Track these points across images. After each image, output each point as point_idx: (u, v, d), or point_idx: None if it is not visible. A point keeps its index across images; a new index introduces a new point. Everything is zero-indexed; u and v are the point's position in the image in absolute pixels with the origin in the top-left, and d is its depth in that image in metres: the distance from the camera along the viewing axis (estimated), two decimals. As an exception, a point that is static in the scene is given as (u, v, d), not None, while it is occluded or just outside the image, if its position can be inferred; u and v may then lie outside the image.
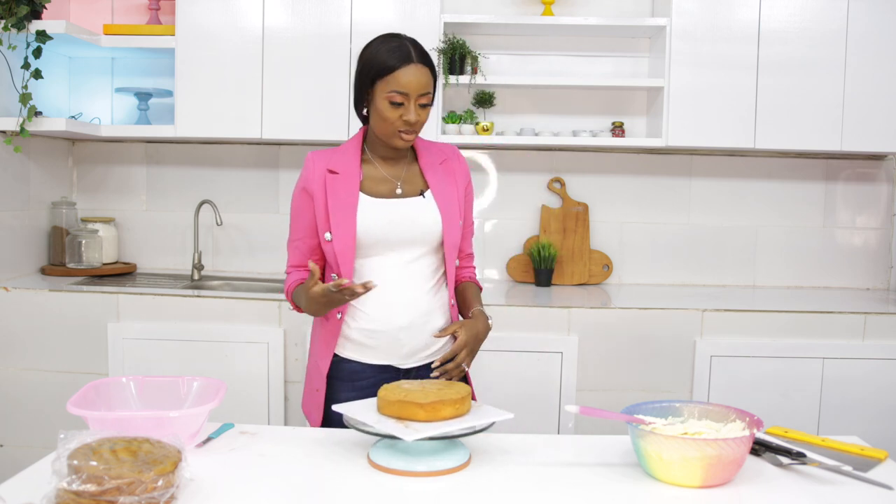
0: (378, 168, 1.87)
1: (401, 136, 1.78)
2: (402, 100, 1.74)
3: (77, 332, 2.86)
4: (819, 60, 3.06)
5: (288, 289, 1.89)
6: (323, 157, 1.86)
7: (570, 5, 3.35)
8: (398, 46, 1.76)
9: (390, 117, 1.76)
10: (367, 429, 1.42)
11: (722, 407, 1.51)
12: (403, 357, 1.84)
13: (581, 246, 3.41)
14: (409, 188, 1.87)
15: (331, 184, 1.82)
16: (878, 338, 2.85)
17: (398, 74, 1.73)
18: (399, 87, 1.74)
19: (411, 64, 1.74)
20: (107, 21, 3.37)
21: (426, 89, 1.76)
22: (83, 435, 1.24)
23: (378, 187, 1.85)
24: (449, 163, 1.92)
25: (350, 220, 1.79)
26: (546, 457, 1.50)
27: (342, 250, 1.79)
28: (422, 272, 1.84)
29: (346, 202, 1.80)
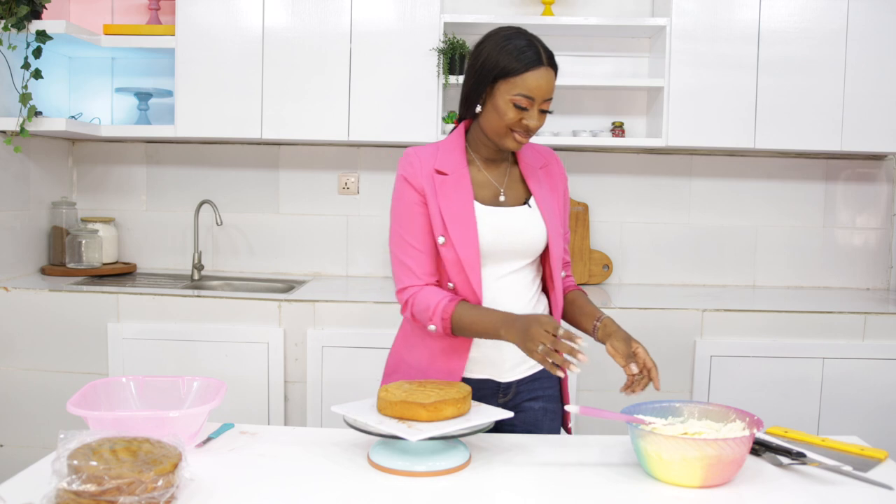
0: (481, 171, 1.75)
1: (515, 137, 1.67)
2: (526, 104, 1.64)
3: (77, 332, 2.86)
4: (819, 60, 3.06)
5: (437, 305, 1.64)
6: (427, 154, 1.73)
7: (570, 5, 3.35)
8: (527, 46, 1.65)
9: (511, 120, 1.65)
10: (369, 429, 1.42)
11: (722, 407, 1.51)
12: (504, 371, 1.75)
13: (581, 246, 3.41)
14: (512, 195, 1.76)
15: (440, 185, 1.69)
16: (878, 338, 2.85)
17: (527, 77, 1.63)
18: (526, 91, 1.63)
19: (541, 67, 1.64)
20: (107, 21, 3.37)
21: (551, 94, 1.66)
22: (83, 435, 1.24)
23: (481, 192, 1.73)
24: (549, 168, 1.82)
25: (470, 226, 1.67)
26: (546, 457, 1.50)
27: (467, 259, 1.66)
28: (523, 283, 1.75)
29: (462, 207, 1.68)
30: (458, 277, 1.68)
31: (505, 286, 1.72)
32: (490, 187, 1.75)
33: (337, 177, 3.47)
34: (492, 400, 1.76)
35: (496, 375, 1.76)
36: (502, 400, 1.77)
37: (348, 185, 3.46)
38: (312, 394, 2.83)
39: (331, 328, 2.83)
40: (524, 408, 1.79)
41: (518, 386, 1.78)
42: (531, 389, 1.80)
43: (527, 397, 1.80)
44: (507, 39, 1.66)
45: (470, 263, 1.66)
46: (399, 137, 3.13)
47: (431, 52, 3.07)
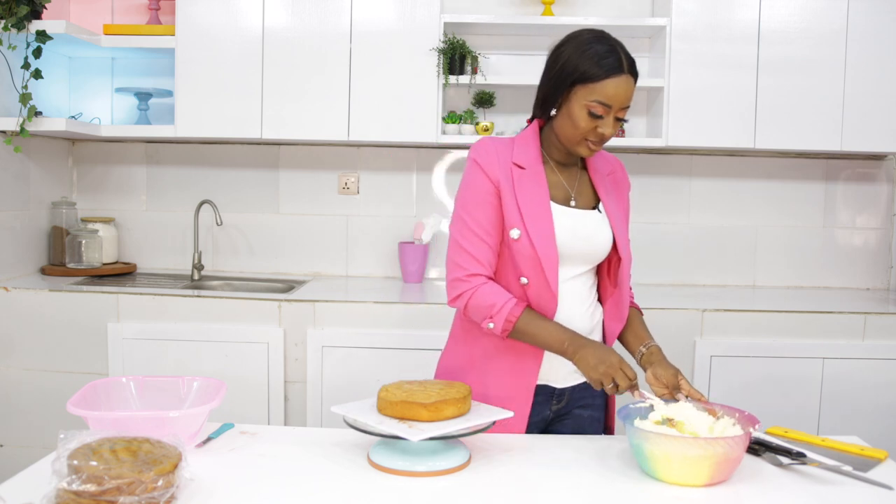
0: (555, 172, 1.73)
1: (588, 145, 1.65)
2: (602, 112, 1.60)
3: (77, 332, 2.86)
4: (819, 60, 3.06)
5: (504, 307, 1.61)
6: (504, 146, 1.70)
7: (570, 5, 3.35)
8: (609, 52, 1.60)
9: (585, 126, 1.62)
10: (369, 429, 1.42)
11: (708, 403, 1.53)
12: (560, 378, 1.74)
13: (581, 246, 3.40)
14: (582, 199, 1.74)
15: (518, 178, 1.65)
16: (878, 338, 2.85)
17: (606, 84, 1.59)
18: (604, 99, 1.59)
19: (622, 75, 1.59)
20: (107, 21, 3.37)
21: (629, 103, 1.62)
22: (83, 435, 1.24)
23: (554, 193, 1.70)
24: (615, 175, 1.81)
25: (548, 222, 1.63)
26: (546, 457, 1.50)
27: (546, 255, 1.62)
28: (585, 288, 1.73)
29: (540, 203, 1.65)
30: (532, 272, 1.64)
31: (569, 289, 1.70)
32: (562, 189, 1.73)
33: (337, 177, 3.47)
34: (545, 406, 1.76)
35: (552, 381, 1.75)
36: (556, 407, 1.77)
37: (348, 185, 3.45)
38: (312, 394, 2.83)
39: (331, 328, 2.83)
40: (574, 415, 1.79)
41: (571, 393, 1.77)
42: (582, 397, 1.80)
43: (577, 405, 1.80)
44: (588, 44, 1.62)
45: (548, 260, 1.63)
46: (399, 137, 3.13)
47: (431, 52, 3.06)
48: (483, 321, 1.64)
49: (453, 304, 1.69)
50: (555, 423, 1.80)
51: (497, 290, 1.64)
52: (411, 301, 2.88)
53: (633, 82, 1.62)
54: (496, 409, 1.53)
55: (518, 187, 1.65)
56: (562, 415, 1.79)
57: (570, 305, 1.70)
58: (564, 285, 1.69)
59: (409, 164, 3.46)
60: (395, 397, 1.45)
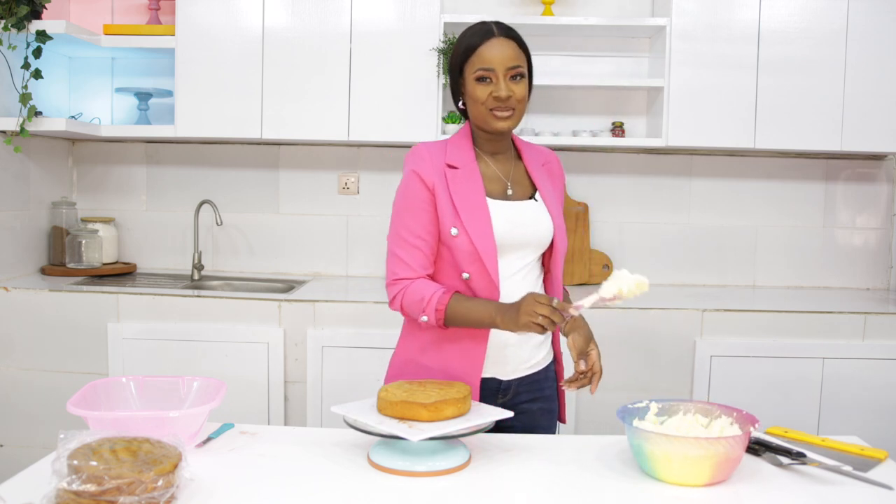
0: (489, 166, 1.77)
1: (494, 114, 1.68)
2: (488, 75, 1.67)
3: (77, 332, 2.86)
4: (819, 60, 3.06)
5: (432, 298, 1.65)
6: (437, 149, 1.75)
7: (570, 5, 3.35)
8: (480, 25, 1.71)
9: (480, 96, 1.67)
10: (369, 429, 1.42)
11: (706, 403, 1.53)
12: (508, 371, 1.76)
13: (581, 246, 3.41)
14: (519, 189, 1.78)
15: (452, 179, 1.70)
16: (878, 338, 2.85)
17: (481, 50, 1.67)
18: (483, 63, 1.66)
19: (492, 38, 1.68)
20: (107, 21, 3.37)
21: (513, 62, 1.67)
22: (83, 435, 1.24)
23: (490, 186, 1.74)
24: (550, 166, 1.85)
25: (484, 217, 1.68)
26: (546, 457, 1.50)
27: (485, 249, 1.66)
28: (533, 277, 1.76)
29: (474, 199, 1.69)
30: (473, 267, 1.68)
31: (518, 279, 1.73)
32: (498, 181, 1.76)
33: (337, 177, 3.47)
34: (491, 400, 1.75)
35: (500, 374, 1.75)
36: (501, 400, 1.77)
37: (348, 185, 3.46)
38: (312, 394, 2.83)
39: (331, 328, 2.83)
40: (523, 409, 1.79)
41: (517, 386, 1.78)
42: (530, 391, 1.80)
43: (526, 398, 1.80)
44: (465, 31, 1.74)
45: (487, 253, 1.67)
46: (399, 137, 3.13)
47: (431, 52, 3.07)
48: (418, 316, 1.67)
49: (392, 308, 1.73)
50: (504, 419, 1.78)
51: (425, 285, 1.67)
52: (411, 301, 2.88)
53: (511, 43, 1.70)
54: (496, 409, 1.53)
55: (453, 187, 1.70)
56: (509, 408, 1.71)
57: (521, 294, 1.69)
58: (510, 276, 1.72)
59: (409, 164, 3.45)
60: (395, 397, 1.45)
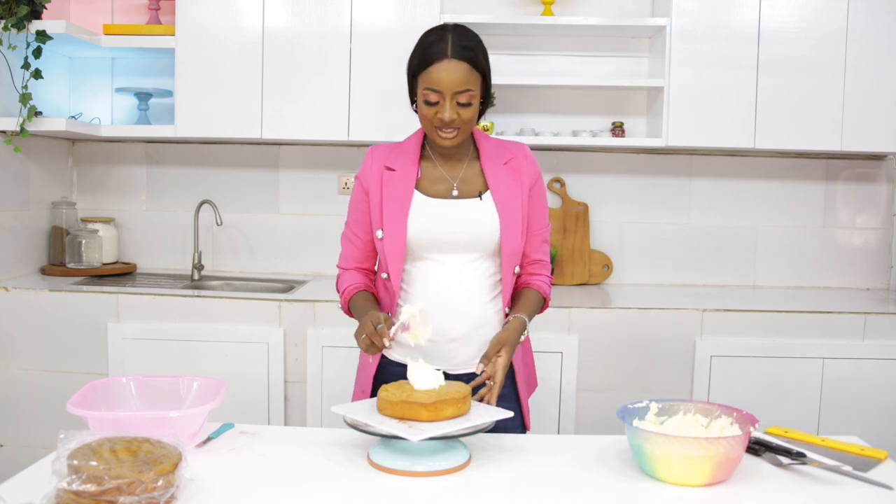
0: (437, 167, 1.78)
1: (439, 133, 1.69)
2: (436, 98, 1.65)
3: (77, 332, 2.86)
4: (819, 60, 3.06)
5: (345, 290, 1.81)
6: (383, 152, 1.79)
7: (570, 5, 3.35)
8: (437, 39, 1.66)
9: (427, 114, 1.69)
10: (369, 429, 1.42)
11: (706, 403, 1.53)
12: (454, 365, 1.76)
13: (581, 246, 3.41)
14: (467, 189, 1.76)
15: (387, 181, 1.74)
16: (878, 338, 2.85)
17: (431, 71, 1.65)
18: (432, 85, 1.65)
19: (444, 60, 1.63)
20: (107, 21, 3.37)
21: (461, 86, 1.64)
22: (83, 435, 1.24)
23: (435, 187, 1.76)
24: (515, 162, 1.79)
25: (401, 219, 1.71)
26: (546, 457, 1.50)
27: (392, 251, 1.71)
28: (476, 279, 1.74)
29: (399, 201, 1.72)
30: (391, 269, 1.75)
31: (460, 282, 1.73)
32: (444, 182, 1.77)
33: (337, 177, 3.47)
34: None
35: (447, 368, 1.74)
36: None
37: (348, 185, 3.45)
38: (312, 394, 2.83)
39: (331, 328, 2.83)
40: None
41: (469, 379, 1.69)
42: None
43: None
44: (424, 37, 1.71)
45: (395, 255, 1.72)
46: (399, 137, 3.10)
47: (431, 52, 3.06)
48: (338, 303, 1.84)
49: None
50: None
51: (349, 277, 1.82)
52: (411, 301, 2.88)
53: (463, 66, 1.65)
54: (496, 409, 1.53)
55: (386, 189, 1.75)
56: None
57: (459, 297, 1.72)
58: (456, 274, 1.73)
59: (409, 164, 3.45)
60: (395, 397, 1.45)
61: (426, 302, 1.64)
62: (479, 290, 1.75)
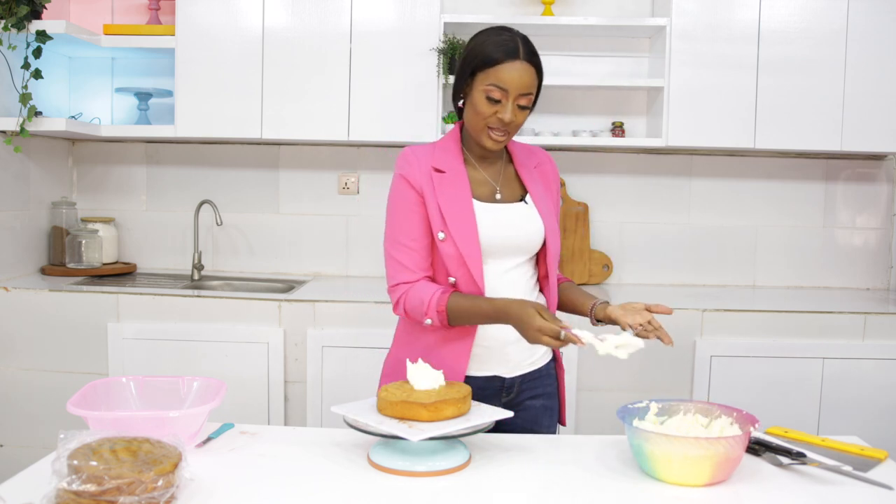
0: (477, 169, 1.76)
1: (490, 134, 1.68)
2: (500, 96, 1.63)
3: (77, 332, 2.86)
4: (819, 60, 3.06)
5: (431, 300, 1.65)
6: (424, 153, 1.74)
7: (570, 5, 3.35)
8: (507, 40, 1.65)
9: (484, 112, 1.65)
10: (369, 429, 1.42)
11: (706, 403, 1.53)
12: (510, 369, 1.76)
13: (581, 246, 3.41)
14: (508, 192, 1.77)
15: (438, 183, 1.70)
16: (878, 338, 2.85)
17: (500, 69, 1.63)
18: (499, 82, 1.63)
19: (517, 60, 1.63)
20: (107, 21, 3.37)
21: (528, 89, 1.64)
22: (83, 435, 1.24)
23: (478, 190, 1.74)
24: (542, 167, 1.83)
25: (470, 221, 1.68)
26: (546, 457, 1.50)
27: (469, 253, 1.66)
28: (524, 280, 1.76)
29: (461, 204, 1.69)
30: (459, 272, 1.69)
31: (507, 282, 1.73)
32: (486, 185, 1.76)
33: (337, 177, 3.47)
34: (495, 399, 1.75)
35: (503, 372, 1.76)
36: (505, 399, 1.77)
37: (348, 185, 3.46)
38: (312, 394, 2.83)
39: (331, 328, 2.83)
40: (525, 406, 1.80)
41: (521, 384, 1.78)
42: (533, 387, 1.80)
43: (528, 395, 1.80)
44: (491, 34, 1.69)
45: (472, 258, 1.67)
46: (399, 137, 3.13)
47: (431, 52, 3.07)
48: (423, 320, 1.68)
49: (396, 313, 1.74)
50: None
51: (424, 287, 1.68)
52: (411, 301, 2.88)
53: (532, 70, 1.65)
54: (496, 409, 1.53)
55: (439, 191, 1.69)
56: (513, 406, 1.76)
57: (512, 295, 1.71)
58: (504, 277, 1.72)
59: (409, 164, 3.45)
60: (395, 397, 1.45)
61: None
62: (526, 293, 1.76)
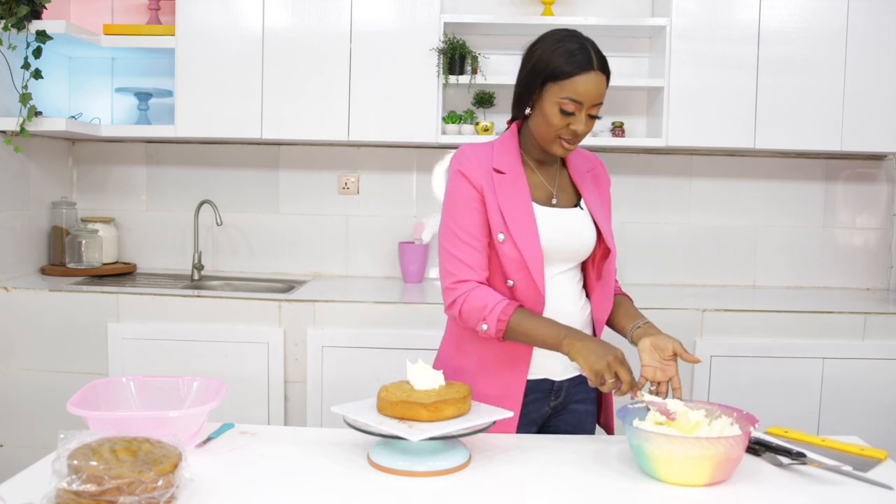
0: (535, 172, 1.75)
1: (562, 143, 1.66)
2: (574, 109, 1.62)
3: (77, 332, 2.86)
4: (819, 60, 3.06)
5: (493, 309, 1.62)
6: (483, 152, 1.72)
7: (570, 5, 3.35)
8: (579, 49, 1.62)
9: (557, 124, 1.63)
10: (369, 429, 1.42)
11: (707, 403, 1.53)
12: (559, 372, 1.76)
13: (581, 246, 3.40)
14: (564, 197, 1.76)
15: (499, 183, 1.68)
16: (878, 338, 2.85)
17: (576, 81, 1.60)
18: (574, 95, 1.61)
19: (591, 72, 1.61)
20: (107, 21, 3.37)
21: (601, 99, 1.63)
22: (83, 435, 1.24)
23: (536, 193, 1.73)
24: (595, 171, 1.82)
25: (531, 224, 1.66)
26: (546, 457, 1.50)
27: (531, 257, 1.65)
28: (571, 285, 1.75)
29: (522, 206, 1.67)
30: (518, 275, 1.67)
31: (556, 287, 1.72)
32: (543, 188, 1.75)
33: (337, 177, 3.47)
34: (544, 403, 1.76)
35: (552, 375, 1.75)
36: (554, 402, 1.78)
37: (348, 185, 3.45)
38: (312, 394, 2.83)
39: (331, 328, 2.83)
40: (571, 409, 1.81)
41: (569, 387, 1.79)
42: (578, 392, 1.81)
43: (574, 398, 1.81)
44: (559, 42, 1.64)
45: (533, 261, 1.65)
46: (399, 137, 3.13)
47: (431, 52, 3.07)
48: (477, 324, 1.64)
49: (449, 312, 1.71)
50: (552, 419, 1.81)
51: (488, 293, 1.65)
52: (411, 301, 2.88)
53: (604, 79, 1.64)
54: (496, 408, 1.53)
55: (499, 192, 1.67)
56: (559, 410, 1.79)
57: (559, 303, 1.72)
58: (551, 283, 1.71)
59: (409, 164, 3.46)
60: (395, 397, 1.45)
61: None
62: (575, 296, 1.76)
